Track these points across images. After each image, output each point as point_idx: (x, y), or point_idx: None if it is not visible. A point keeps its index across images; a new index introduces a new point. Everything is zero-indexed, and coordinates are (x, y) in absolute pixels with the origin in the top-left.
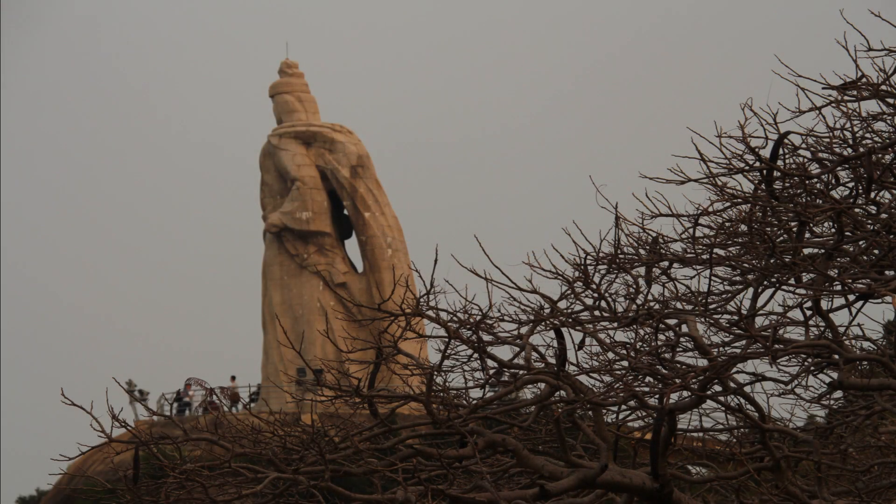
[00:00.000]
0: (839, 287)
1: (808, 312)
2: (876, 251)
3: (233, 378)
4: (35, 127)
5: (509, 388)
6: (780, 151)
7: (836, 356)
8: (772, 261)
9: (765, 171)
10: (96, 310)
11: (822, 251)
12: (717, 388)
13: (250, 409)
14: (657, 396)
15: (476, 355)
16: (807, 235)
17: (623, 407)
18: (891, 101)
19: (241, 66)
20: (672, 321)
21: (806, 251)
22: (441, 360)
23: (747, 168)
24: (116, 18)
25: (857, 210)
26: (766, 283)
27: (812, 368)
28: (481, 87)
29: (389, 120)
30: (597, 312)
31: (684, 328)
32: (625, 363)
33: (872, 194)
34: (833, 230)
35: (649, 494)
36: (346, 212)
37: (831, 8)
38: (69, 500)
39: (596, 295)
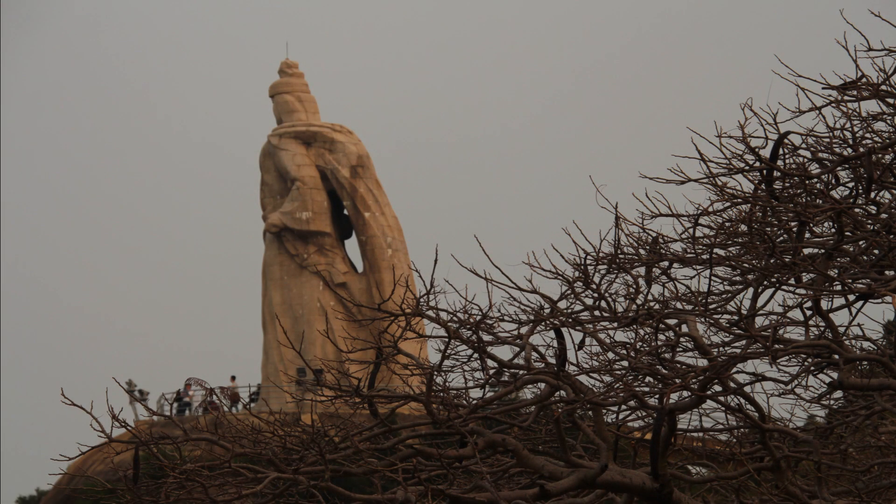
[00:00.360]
0: (839, 287)
1: (808, 312)
2: (876, 251)
3: (233, 378)
4: (35, 127)
5: (509, 388)
6: (780, 151)
7: (836, 356)
8: (772, 261)
9: (765, 171)
10: (96, 310)
11: (822, 251)
12: (717, 388)
13: (250, 409)
14: (657, 396)
15: (476, 355)
16: (807, 235)
17: (623, 407)
18: (891, 101)
19: (241, 66)
20: (672, 321)
21: (806, 251)
22: (441, 360)
23: (747, 168)
24: (116, 18)
25: (857, 210)
26: (766, 283)
27: (812, 368)
28: (481, 87)
29: (389, 120)
30: (597, 312)
31: (684, 328)
32: (625, 363)
33: (872, 194)
34: (833, 230)
35: (649, 494)
36: (346, 212)
37: (831, 8)
38: (69, 500)
39: (596, 295)
